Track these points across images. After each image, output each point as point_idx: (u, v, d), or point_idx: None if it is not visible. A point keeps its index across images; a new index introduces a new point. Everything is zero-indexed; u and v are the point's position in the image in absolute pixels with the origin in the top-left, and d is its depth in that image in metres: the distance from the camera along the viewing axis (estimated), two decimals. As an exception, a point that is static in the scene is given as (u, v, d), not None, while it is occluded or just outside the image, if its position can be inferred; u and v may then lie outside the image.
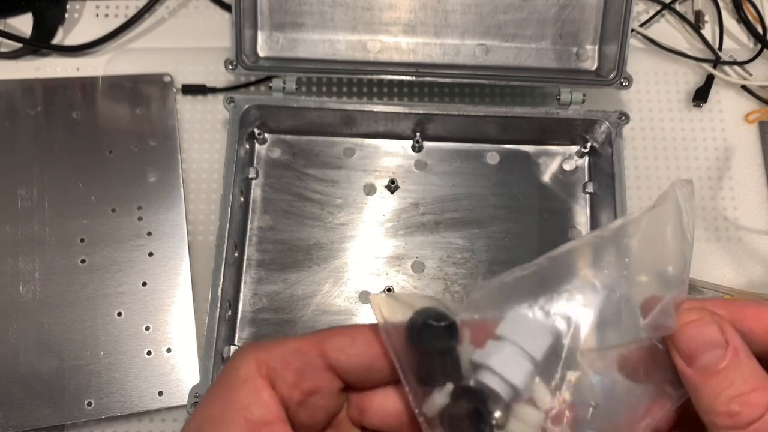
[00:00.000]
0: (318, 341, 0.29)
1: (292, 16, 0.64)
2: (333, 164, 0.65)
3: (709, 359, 0.26)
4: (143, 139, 0.66)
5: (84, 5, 0.73)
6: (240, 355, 0.30)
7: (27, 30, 0.70)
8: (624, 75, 0.62)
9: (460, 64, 0.65)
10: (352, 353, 0.29)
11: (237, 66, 0.62)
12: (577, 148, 0.65)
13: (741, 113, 0.70)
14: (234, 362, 0.29)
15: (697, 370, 0.27)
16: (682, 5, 0.74)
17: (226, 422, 0.28)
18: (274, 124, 0.64)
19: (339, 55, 0.65)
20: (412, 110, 0.62)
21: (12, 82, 0.68)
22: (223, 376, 0.30)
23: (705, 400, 0.26)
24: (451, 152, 0.65)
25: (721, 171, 0.68)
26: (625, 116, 0.62)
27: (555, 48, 0.65)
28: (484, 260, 0.62)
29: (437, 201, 0.64)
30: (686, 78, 0.71)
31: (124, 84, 0.68)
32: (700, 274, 0.63)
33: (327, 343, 0.29)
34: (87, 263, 0.62)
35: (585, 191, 0.64)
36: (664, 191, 0.29)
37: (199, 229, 0.65)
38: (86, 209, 0.64)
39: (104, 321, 0.60)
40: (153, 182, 0.65)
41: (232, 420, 0.28)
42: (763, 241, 0.65)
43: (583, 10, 0.64)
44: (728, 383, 0.26)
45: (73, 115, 0.67)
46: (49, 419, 0.57)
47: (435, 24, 0.64)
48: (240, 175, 0.61)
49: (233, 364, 0.29)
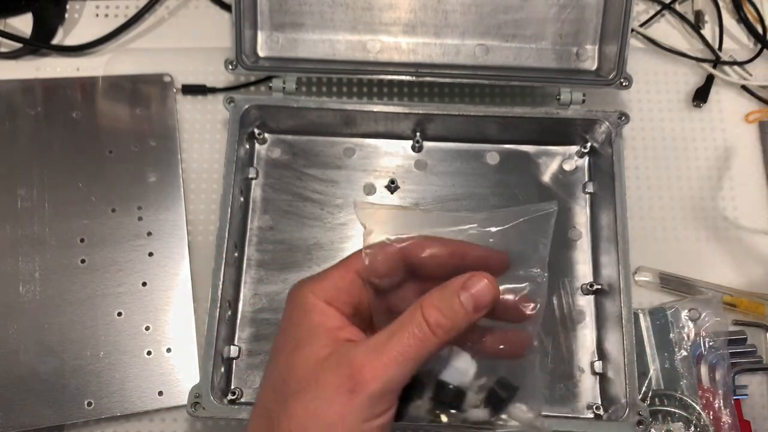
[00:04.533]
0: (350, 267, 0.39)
1: (292, 16, 0.64)
2: (333, 164, 0.65)
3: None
4: (143, 139, 0.66)
5: (84, 5, 0.73)
6: (298, 293, 0.39)
7: (27, 30, 0.70)
8: (624, 75, 0.62)
9: (460, 64, 0.65)
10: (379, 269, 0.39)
11: (237, 66, 0.62)
12: (577, 148, 0.65)
13: (741, 113, 0.70)
14: (295, 300, 0.39)
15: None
16: (682, 5, 0.74)
17: (312, 336, 0.37)
18: (274, 124, 0.64)
19: (339, 55, 0.65)
20: (412, 110, 0.62)
21: (12, 82, 0.68)
22: (290, 312, 0.38)
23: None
24: (451, 152, 0.65)
25: (721, 171, 0.68)
26: (625, 116, 0.62)
27: (555, 48, 0.65)
28: (484, 260, 0.62)
29: (437, 201, 0.64)
30: (686, 78, 0.71)
31: (124, 84, 0.68)
32: (700, 274, 0.63)
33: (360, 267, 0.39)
34: (87, 263, 0.62)
35: (585, 191, 0.64)
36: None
37: (199, 229, 0.65)
38: (86, 209, 0.64)
39: (104, 321, 0.60)
40: (153, 182, 0.65)
41: (316, 332, 0.37)
42: (763, 241, 0.65)
43: (583, 10, 0.64)
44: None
45: (73, 115, 0.67)
46: (49, 419, 0.57)
47: (435, 24, 0.64)
48: (240, 175, 0.61)
49: (296, 302, 0.38)
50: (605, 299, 0.59)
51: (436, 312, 0.35)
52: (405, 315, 0.36)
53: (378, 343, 0.35)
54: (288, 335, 0.38)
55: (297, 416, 0.34)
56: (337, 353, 0.36)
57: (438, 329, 0.35)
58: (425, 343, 0.35)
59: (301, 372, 0.36)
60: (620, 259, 0.57)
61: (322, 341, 0.36)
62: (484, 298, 0.37)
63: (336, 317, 0.38)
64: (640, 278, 0.63)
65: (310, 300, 0.38)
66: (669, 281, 0.63)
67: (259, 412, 0.38)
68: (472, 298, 0.36)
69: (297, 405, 0.35)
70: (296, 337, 0.37)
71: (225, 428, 0.59)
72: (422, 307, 0.36)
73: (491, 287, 0.37)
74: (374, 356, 0.34)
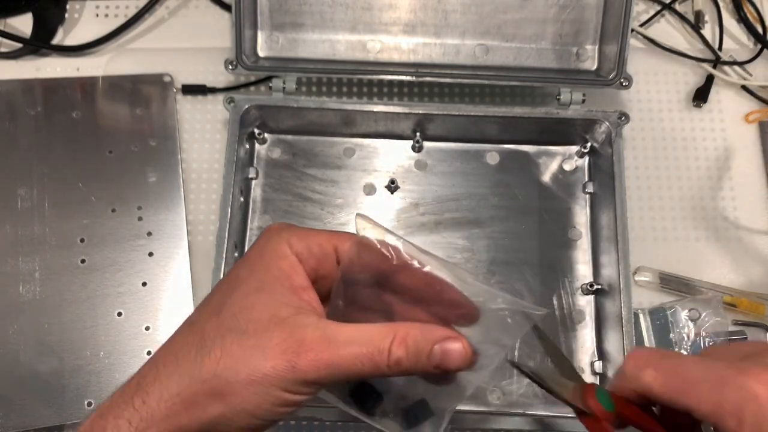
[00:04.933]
0: (332, 240, 0.38)
1: (292, 16, 0.64)
2: (333, 164, 0.65)
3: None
4: (143, 139, 0.66)
5: (84, 5, 0.73)
6: (275, 235, 0.38)
7: (27, 30, 0.70)
8: (624, 75, 0.62)
9: (460, 64, 0.65)
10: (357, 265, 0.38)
11: (237, 66, 0.62)
12: (577, 148, 0.65)
13: (741, 113, 0.70)
14: (271, 241, 0.38)
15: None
16: (682, 5, 0.74)
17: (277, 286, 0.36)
18: (274, 124, 0.64)
19: (339, 55, 0.65)
20: (412, 110, 0.62)
21: (12, 82, 0.68)
22: (262, 250, 0.38)
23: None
24: (451, 152, 0.65)
25: (721, 171, 0.68)
26: (625, 116, 0.62)
27: (555, 48, 0.65)
28: (484, 260, 0.62)
29: (437, 201, 0.64)
30: (686, 78, 0.71)
31: (124, 84, 0.68)
32: (700, 274, 0.63)
33: (339, 245, 0.38)
34: (87, 263, 0.62)
35: (585, 191, 0.64)
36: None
37: (199, 229, 0.65)
38: (86, 209, 0.63)
39: (104, 321, 0.60)
40: (153, 182, 0.65)
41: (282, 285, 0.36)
42: (763, 241, 0.65)
43: (583, 10, 0.64)
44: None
45: (73, 115, 0.67)
46: (49, 419, 0.57)
47: (435, 24, 0.64)
48: (240, 175, 0.61)
49: (272, 244, 0.38)
50: (605, 299, 0.59)
51: (403, 351, 0.34)
52: (374, 330, 0.35)
53: (335, 338, 0.34)
54: (254, 272, 0.37)
55: (231, 353, 0.34)
56: (294, 320, 0.35)
57: (395, 366, 0.35)
58: (375, 369, 0.34)
59: (255, 316, 0.35)
60: (620, 259, 0.57)
61: (286, 297, 0.36)
62: (451, 363, 0.36)
63: (303, 276, 0.37)
64: (640, 278, 0.63)
65: (285, 249, 0.37)
66: (669, 281, 0.63)
67: (192, 328, 0.36)
68: (442, 356, 0.35)
69: (236, 343, 0.34)
70: (261, 279, 0.37)
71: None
72: (395, 338, 0.35)
73: (464, 357, 0.36)
74: (324, 348, 0.34)
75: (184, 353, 0.35)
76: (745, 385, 0.31)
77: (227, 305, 0.36)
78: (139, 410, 0.34)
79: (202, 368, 0.34)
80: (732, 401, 0.31)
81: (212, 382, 0.34)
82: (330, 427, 0.59)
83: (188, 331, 0.37)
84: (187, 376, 0.34)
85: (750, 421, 0.30)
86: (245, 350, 0.34)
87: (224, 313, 0.36)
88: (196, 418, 0.34)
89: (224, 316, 0.36)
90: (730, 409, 0.31)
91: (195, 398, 0.34)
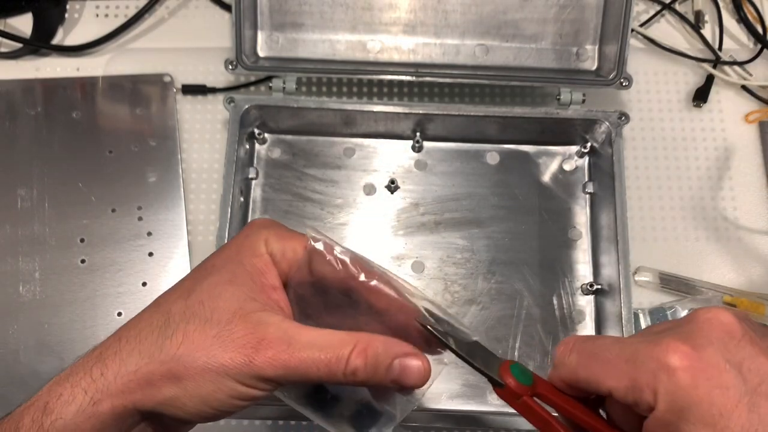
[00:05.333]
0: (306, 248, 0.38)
1: (292, 16, 0.64)
2: (333, 164, 0.65)
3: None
4: (143, 139, 0.66)
5: (84, 5, 0.73)
6: (254, 231, 0.39)
7: (27, 30, 0.70)
8: (624, 75, 0.62)
9: (460, 64, 0.65)
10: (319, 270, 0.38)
11: (237, 66, 0.62)
12: (577, 148, 0.65)
13: (741, 113, 0.70)
14: (249, 237, 0.38)
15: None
16: (682, 5, 0.74)
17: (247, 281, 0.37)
18: (274, 124, 0.64)
19: (339, 55, 0.65)
20: (412, 110, 0.62)
21: (12, 82, 0.68)
22: (241, 245, 0.38)
23: None
24: (451, 152, 0.65)
25: (721, 171, 0.68)
26: (625, 116, 0.62)
27: (555, 48, 0.65)
28: (484, 260, 0.62)
29: (437, 201, 0.64)
30: (686, 78, 0.71)
31: (124, 84, 0.68)
32: (700, 274, 0.63)
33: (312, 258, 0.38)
34: (87, 263, 0.62)
35: (585, 191, 0.64)
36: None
37: (199, 229, 0.65)
38: (86, 209, 0.63)
39: (104, 321, 0.60)
40: (153, 182, 0.65)
41: (253, 281, 0.37)
42: (763, 241, 0.65)
43: (583, 10, 0.64)
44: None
45: (73, 115, 0.67)
46: (49, 419, 0.57)
47: (435, 24, 0.64)
48: (240, 175, 0.61)
49: (249, 238, 0.38)
50: (605, 299, 0.59)
51: (362, 361, 0.35)
52: (336, 337, 0.35)
53: (296, 339, 0.35)
54: (227, 264, 0.38)
55: (193, 339, 0.35)
56: (259, 317, 0.35)
57: (350, 375, 0.35)
58: (330, 375, 0.35)
59: (222, 306, 0.36)
60: (620, 259, 0.57)
61: (254, 293, 0.37)
62: (409, 379, 0.36)
63: (274, 276, 0.38)
64: (640, 278, 0.63)
65: (261, 247, 0.38)
66: (669, 281, 0.63)
67: (159, 308, 0.37)
68: (401, 372, 0.36)
69: (199, 330, 0.35)
70: (234, 271, 0.37)
71: (224, 428, 0.59)
72: (355, 347, 0.35)
73: (422, 375, 0.36)
74: (284, 349, 0.34)
75: (147, 332, 0.36)
76: (657, 356, 0.31)
77: (196, 291, 0.37)
78: (96, 381, 0.34)
79: (162, 349, 0.35)
80: (646, 374, 0.31)
81: (170, 364, 0.34)
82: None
83: (155, 310, 0.37)
84: (147, 355, 0.35)
85: (663, 392, 0.30)
86: (206, 338, 0.35)
87: (192, 298, 0.36)
88: (150, 397, 0.34)
89: (192, 301, 0.36)
90: (645, 382, 0.31)
91: (151, 377, 0.34)
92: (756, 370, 0.30)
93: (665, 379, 0.30)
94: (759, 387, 0.29)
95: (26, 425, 0.34)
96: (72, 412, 0.34)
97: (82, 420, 0.34)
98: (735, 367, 0.30)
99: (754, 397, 0.29)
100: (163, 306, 0.37)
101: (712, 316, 0.32)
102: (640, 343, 0.32)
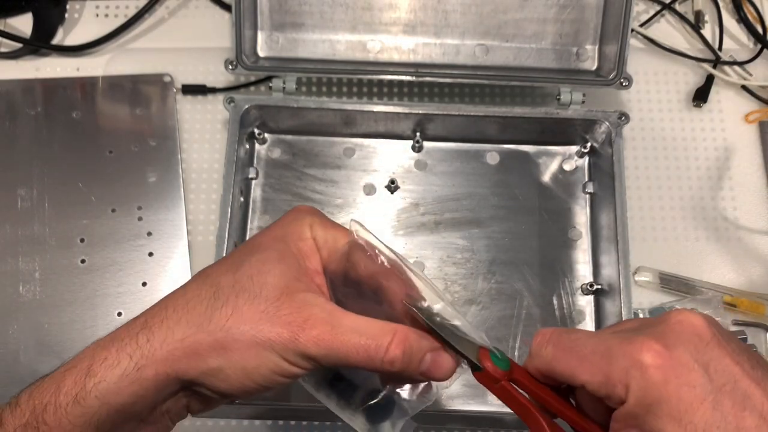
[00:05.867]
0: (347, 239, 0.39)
1: (292, 16, 0.64)
2: (333, 164, 0.65)
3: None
4: (143, 139, 0.66)
5: (84, 5, 0.73)
6: (300, 216, 0.40)
7: (27, 30, 0.70)
8: (624, 75, 0.62)
9: (460, 64, 0.65)
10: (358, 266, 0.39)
11: (237, 66, 0.62)
12: (577, 148, 0.65)
13: (741, 113, 0.70)
14: (296, 221, 0.40)
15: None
16: (682, 5, 0.74)
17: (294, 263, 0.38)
18: (274, 124, 0.64)
19: (339, 55, 0.65)
20: (412, 110, 0.62)
21: (12, 82, 0.68)
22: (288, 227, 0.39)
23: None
24: (451, 152, 0.65)
25: (721, 171, 0.68)
26: (625, 116, 0.62)
27: (555, 48, 0.65)
28: (484, 260, 0.62)
29: (437, 201, 0.64)
30: (686, 78, 0.71)
31: (124, 84, 0.68)
32: (700, 274, 0.63)
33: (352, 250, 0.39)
34: (87, 263, 0.62)
35: (585, 191, 0.64)
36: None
37: (199, 229, 0.65)
38: (86, 209, 0.63)
39: (104, 321, 0.60)
40: (153, 182, 0.65)
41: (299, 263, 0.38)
42: (763, 241, 0.65)
43: (583, 10, 0.64)
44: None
45: (73, 115, 0.67)
46: (49, 419, 0.57)
47: (435, 24, 0.64)
48: (240, 175, 0.61)
49: (295, 222, 0.40)
50: (605, 299, 0.59)
51: (400, 351, 0.36)
52: (377, 326, 0.37)
53: (340, 323, 0.36)
54: (275, 243, 0.39)
55: (242, 312, 0.36)
56: (304, 297, 0.37)
57: (388, 364, 0.36)
58: (369, 361, 0.36)
59: (270, 282, 0.37)
60: (620, 259, 0.57)
61: (300, 274, 0.38)
62: (437, 373, 0.37)
63: (317, 261, 0.39)
64: (640, 278, 0.63)
65: (306, 232, 0.39)
66: (669, 281, 0.63)
67: (207, 280, 0.38)
68: (431, 365, 0.37)
69: (248, 304, 0.36)
70: (281, 251, 0.38)
71: (225, 428, 0.59)
72: (394, 337, 0.36)
73: (449, 370, 0.38)
74: (328, 330, 0.35)
75: (196, 302, 0.36)
76: (631, 353, 0.32)
77: (245, 266, 0.37)
78: (142, 347, 0.35)
79: (212, 320, 0.36)
80: (619, 370, 0.32)
81: (218, 335, 0.35)
82: (330, 427, 0.59)
83: (202, 281, 0.38)
84: (195, 325, 0.36)
85: (635, 387, 0.32)
86: (255, 313, 0.36)
87: (241, 272, 0.37)
88: (194, 366, 0.35)
89: (240, 275, 0.37)
90: (618, 378, 0.32)
91: (198, 347, 0.35)
92: (722, 371, 0.31)
93: (637, 375, 0.32)
94: (724, 387, 0.31)
95: (68, 385, 0.35)
96: (116, 375, 0.35)
97: (125, 384, 0.35)
98: (702, 367, 0.31)
99: (719, 395, 0.31)
100: (211, 278, 0.38)
101: (684, 318, 0.33)
102: (615, 340, 0.34)
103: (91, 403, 0.34)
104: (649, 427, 0.31)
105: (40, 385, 0.35)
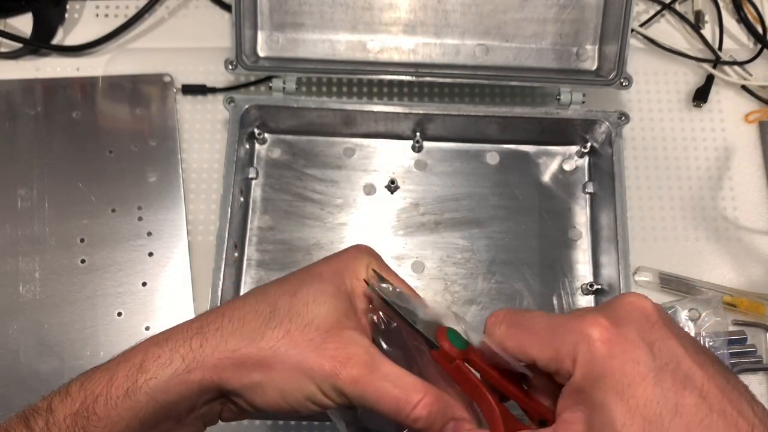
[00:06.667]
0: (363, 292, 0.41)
1: (292, 16, 0.64)
2: (333, 164, 0.65)
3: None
4: (143, 139, 0.66)
5: (84, 5, 0.73)
6: (361, 255, 0.42)
7: (27, 30, 0.70)
8: (624, 75, 0.62)
9: (460, 64, 0.65)
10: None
11: (237, 66, 0.62)
12: (577, 148, 0.65)
13: (741, 113, 0.70)
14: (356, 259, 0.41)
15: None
16: (682, 5, 0.74)
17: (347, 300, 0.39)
18: (274, 124, 0.64)
19: (339, 55, 0.65)
20: (412, 110, 0.62)
21: (12, 82, 0.68)
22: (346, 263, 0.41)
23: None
24: (451, 152, 0.65)
25: (721, 171, 0.68)
26: (625, 116, 0.62)
27: (555, 48, 0.65)
28: (484, 260, 0.62)
29: (437, 201, 0.64)
30: (686, 78, 0.71)
31: (124, 84, 0.68)
32: (700, 274, 0.63)
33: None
34: (87, 263, 0.62)
35: (585, 191, 0.64)
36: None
37: (199, 229, 0.65)
38: (86, 209, 0.64)
39: (104, 321, 0.60)
40: (153, 182, 0.65)
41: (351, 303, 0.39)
42: (763, 241, 0.65)
43: (583, 10, 0.64)
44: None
45: (73, 115, 0.67)
46: (49, 419, 0.57)
47: (435, 24, 0.64)
48: (240, 175, 0.61)
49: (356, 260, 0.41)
50: (605, 299, 0.59)
51: (426, 412, 0.36)
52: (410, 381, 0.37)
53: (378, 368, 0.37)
54: (334, 277, 0.40)
55: (293, 336, 0.37)
56: (351, 335, 0.38)
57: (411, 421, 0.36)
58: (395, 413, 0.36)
59: (323, 314, 0.38)
60: (620, 259, 0.57)
61: (350, 313, 0.39)
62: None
63: (365, 303, 0.41)
64: (640, 278, 0.63)
65: (363, 274, 0.41)
66: (669, 281, 0.63)
67: (265, 298, 0.39)
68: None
69: (299, 330, 0.37)
70: (338, 286, 0.40)
71: (225, 428, 0.59)
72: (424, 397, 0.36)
73: None
74: (366, 373, 0.36)
75: (252, 317, 0.38)
76: (579, 328, 0.34)
77: (302, 293, 0.39)
78: (195, 351, 0.36)
79: (263, 338, 0.37)
80: (568, 344, 0.34)
81: (266, 352, 0.37)
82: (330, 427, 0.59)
83: (261, 299, 0.39)
84: (248, 339, 0.37)
85: (582, 360, 0.33)
86: (304, 340, 0.37)
87: (298, 297, 0.39)
88: (238, 377, 0.37)
89: (297, 301, 0.38)
90: (566, 352, 0.34)
91: (246, 360, 0.37)
92: (666, 350, 0.32)
93: (584, 349, 0.33)
94: (666, 365, 0.32)
95: (120, 378, 0.36)
96: (167, 374, 0.36)
97: (174, 384, 0.36)
98: (648, 345, 0.32)
99: (661, 373, 0.32)
100: (269, 296, 0.39)
101: (634, 300, 0.35)
102: (566, 318, 0.35)
103: (140, 398, 0.35)
104: (594, 401, 0.32)
105: (92, 376, 0.36)
